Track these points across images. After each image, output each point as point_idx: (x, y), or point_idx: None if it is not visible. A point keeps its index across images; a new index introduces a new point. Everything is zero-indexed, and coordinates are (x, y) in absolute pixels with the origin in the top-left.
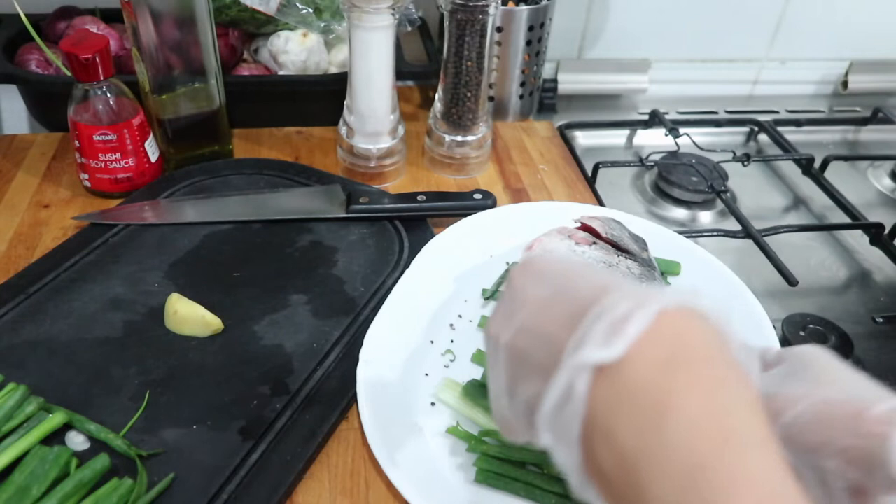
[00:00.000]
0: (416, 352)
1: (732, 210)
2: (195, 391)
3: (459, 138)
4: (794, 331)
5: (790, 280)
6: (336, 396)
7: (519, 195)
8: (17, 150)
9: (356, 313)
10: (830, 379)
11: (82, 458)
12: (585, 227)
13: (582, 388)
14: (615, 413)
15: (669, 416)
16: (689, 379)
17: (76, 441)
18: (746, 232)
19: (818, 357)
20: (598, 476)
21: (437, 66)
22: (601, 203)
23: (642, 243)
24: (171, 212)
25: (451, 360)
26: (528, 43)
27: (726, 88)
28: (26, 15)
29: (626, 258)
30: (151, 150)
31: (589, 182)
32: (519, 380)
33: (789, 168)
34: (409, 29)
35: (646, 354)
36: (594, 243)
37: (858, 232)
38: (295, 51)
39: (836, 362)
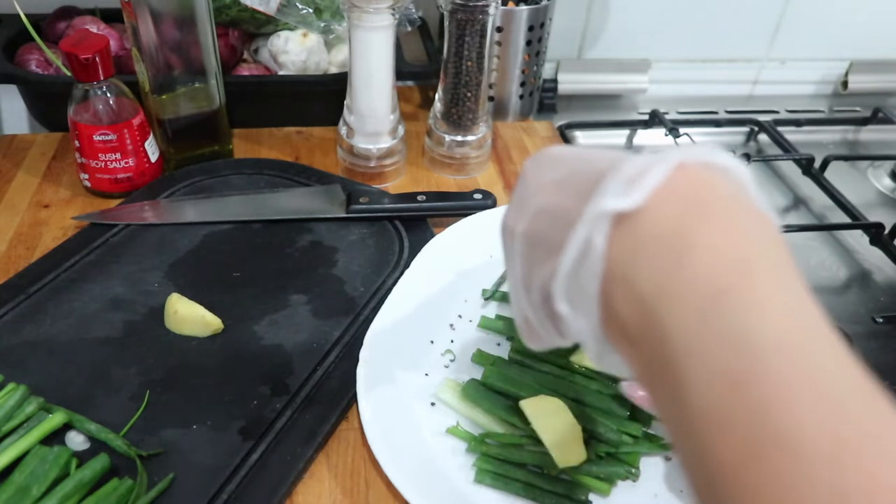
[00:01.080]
0: (416, 352)
1: None
2: (195, 391)
3: (459, 138)
4: None
5: None
6: (336, 396)
7: None
8: (17, 150)
9: (356, 313)
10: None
11: (82, 458)
12: None
13: (600, 240)
14: (634, 260)
15: (689, 251)
16: (710, 218)
17: (76, 441)
18: None
19: None
20: (618, 332)
21: (437, 66)
22: None
23: None
24: (171, 212)
25: (451, 360)
26: (528, 43)
27: (726, 88)
28: (26, 15)
29: None
30: (151, 150)
31: None
32: (535, 265)
33: (789, 168)
34: (409, 29)
35: (665, 201)
36: None
37: (858, 232)
38: (295, 51)
39: None
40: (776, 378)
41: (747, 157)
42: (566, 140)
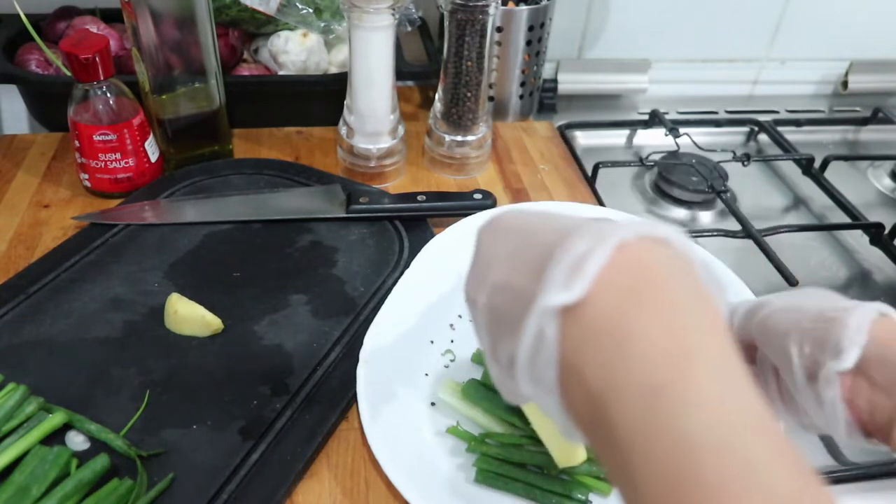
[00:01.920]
0: (416, 352)
1: (732, 210)
2: (195, 391)
3: (459, 138)
4: None
5: (790, 280)
6: (336, 396)
7: (519, 195)
8: (17, 150)
9: (356, 313)
10: (812, 293)
11: (82, 458)
12: None
13: (551, 332)
14: (583, 351)
15: (629, 344)
16: (650, 306)
17: (76, 441)
18: (746, 232)
19: (811, 288)
20: (578, 418)
21: (437, 66)
22: (601, 203)
23: None
24: (171, 212)
25: (451, 360)
26: (528, 43)
27: (726, 88)
28: (26, 15)
29: None
30: (151, 150)
31: (589, 182)
32: (499, 339)
33: (789, 168)
34: (409, 29)
35: (607, 289)
36: None
37: (858, 232)
38: (295, 51)
39: (822, 290)
40: (715, 481)
41: (747, 156)
42: (566, 140)
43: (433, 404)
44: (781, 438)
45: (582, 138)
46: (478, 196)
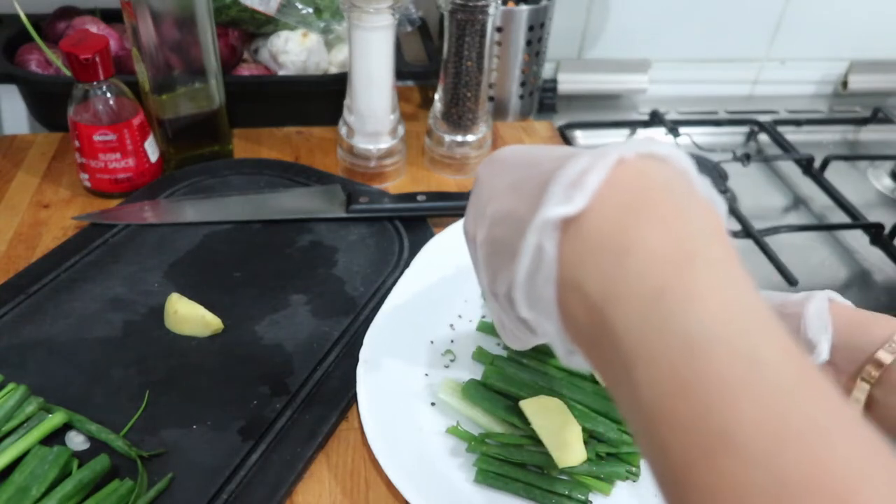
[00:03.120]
0: (416, 352)
1: (732, 210)
2: (195, 391)
3: (459, 138)
4: None
5: (790, 280)
6: (336, 396)
7: None
8: (17, 150)
9: (356, 313)
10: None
11: (82, 458)
12: None
13: (550, 247)
14: (583, 264)
15: (629, 254)
16: (650, 215)
17: (76, 441)
18: (746, 232)
19: None
20: (577, 334)
21: (437, 66)
22: None
23: None
24: (171, 212)
25: (451, 360)
26: (528, 43)
27: (726, 88)
28: (26, 15)
29: None
30: (151, 150)
31: None
32: (498, 271)
33: (789, 168)
34: (409, 29)
35: (607, 201)
36: None
37: (858, 232)
38: (295, 51)
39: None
40: (718, 378)
41: (747, 156)
42: (566, 140)
43: (433, 404)
44: (784, 335)
45: (582, 138)
46: None
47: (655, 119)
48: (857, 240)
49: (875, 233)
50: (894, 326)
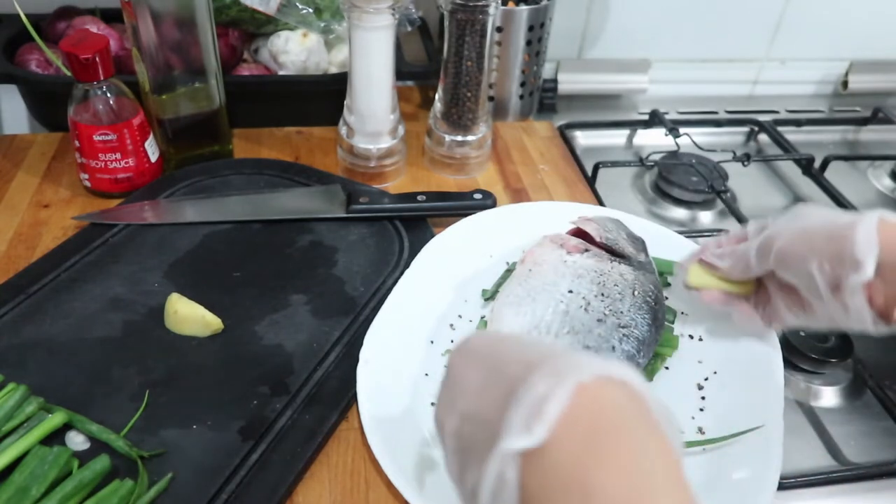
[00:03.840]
0: (416, 352)
1: (732, 210)
2: (195, 391)
3: (459, 138)
4: (794, 330)
5: None
6: (336, 396)
7: (519, 195)
8: (17, 150)
9: (356, 313)
10: (809, 214)
11: (82, 458)
12: (579, 232)
13: (512, 475)
14: (546, 497)
15: (591, 498)
16: (609, 459)
17: (76, 441)
18: None
19: (802, 207)
20: None
21: (437, 66)
22: (601, 203)
23: (640, 244)
24: (171, 212)
25: None
26: (528, 43)
27: (726, 88)
28: (26, 15)
29: (620, 263)
30: (151, 150)
31: (589, 182)
32: (466, 466)
33: (789, 168)
34: (409, 29)
35: (566, 435)
36: (586, 251)
37: None
38: (295, 51)
39: (814, 208)
40: None
41: (747, 156)
42: (566, 140)
43: (433, 404)
44: None
45: (582, 138)
46: (478, 196)
47: (655, 119)
48: None
49: None
50: None
